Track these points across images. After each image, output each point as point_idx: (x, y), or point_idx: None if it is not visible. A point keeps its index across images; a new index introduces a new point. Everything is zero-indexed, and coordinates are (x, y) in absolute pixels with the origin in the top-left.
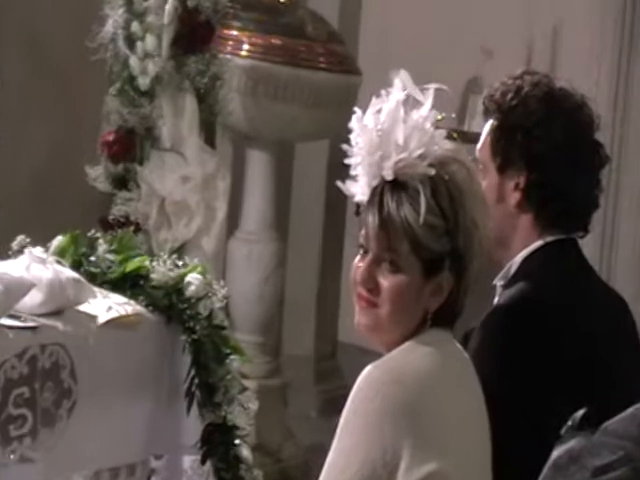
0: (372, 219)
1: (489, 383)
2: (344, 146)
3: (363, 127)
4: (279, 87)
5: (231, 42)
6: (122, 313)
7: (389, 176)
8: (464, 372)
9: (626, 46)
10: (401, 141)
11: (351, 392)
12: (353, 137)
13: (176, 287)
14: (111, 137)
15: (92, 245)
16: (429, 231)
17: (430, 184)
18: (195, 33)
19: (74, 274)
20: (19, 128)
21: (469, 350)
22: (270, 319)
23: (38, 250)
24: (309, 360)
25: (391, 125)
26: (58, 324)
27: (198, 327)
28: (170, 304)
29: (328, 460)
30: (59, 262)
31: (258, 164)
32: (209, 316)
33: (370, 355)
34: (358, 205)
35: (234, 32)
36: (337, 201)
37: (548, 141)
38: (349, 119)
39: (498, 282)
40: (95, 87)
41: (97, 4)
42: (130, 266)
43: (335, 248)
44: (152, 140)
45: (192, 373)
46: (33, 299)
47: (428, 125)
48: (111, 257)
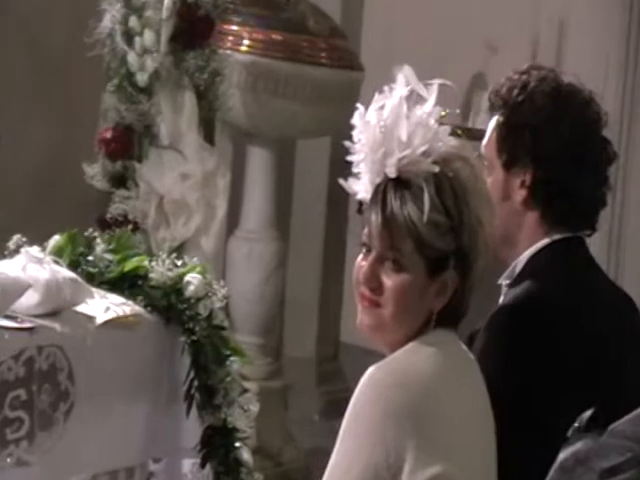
0: (375, 217)
1: (494, 384)
2: (346, 143)
3: (366, 124)
4: (280, 83)
5: (231, 37)
6: (120, 314)
7: (392, 173)
8: (469, 373)
9: (634, 40)
10: (404, 138)
11: (354, 394)
12: (355, 134)
13: (175, 287)
14: (109, 134)
15: (90, 244)
16: (433, 229)
17: (434, 181)
18: (194, 28)
19: (71, 274)
20: (16, 127)
21: (474, 351)
22: (271, 320)
23: (35, 250)
24: (311, 362)
25: (394, 121)
26: (55, 325)
27: (198, 328)
28: (169, 304)
29: (330, 462)
30: (56, 262)
31: (259, 161)
32: (209, 317)
33: (373, 356)
34: (361, 203)
35: (234, 27)
36: (339, 199)
37: (555, 138)
38: (351, 115)
39: (503, 281)
40: (93, 84)
41: None
42: (128, 266)
43: (337, 247)
44: (150, 137)
45: (191, 375)
46: (30, 299)
47: (432, 121)
48: (109, 257)
